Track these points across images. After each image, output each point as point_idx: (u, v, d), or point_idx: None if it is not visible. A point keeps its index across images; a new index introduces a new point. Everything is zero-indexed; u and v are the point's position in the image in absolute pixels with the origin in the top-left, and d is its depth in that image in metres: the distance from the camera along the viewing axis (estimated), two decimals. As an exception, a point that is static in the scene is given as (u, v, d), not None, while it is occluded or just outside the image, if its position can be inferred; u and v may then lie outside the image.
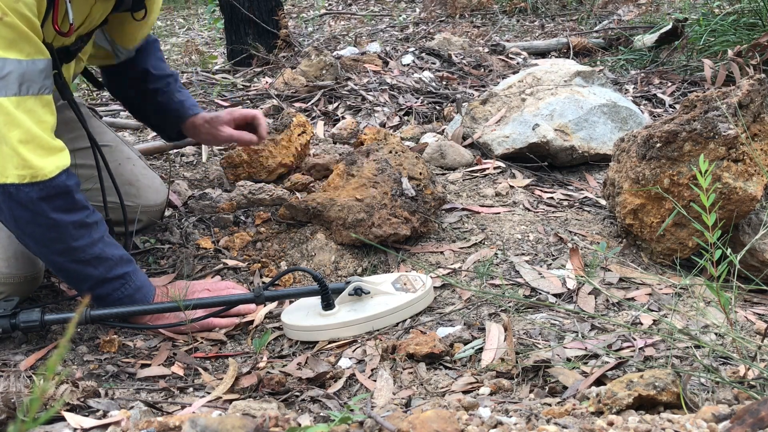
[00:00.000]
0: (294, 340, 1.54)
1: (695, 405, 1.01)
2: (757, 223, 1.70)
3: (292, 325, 1.53)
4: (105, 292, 1.51)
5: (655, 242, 1.71)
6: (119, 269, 1.51)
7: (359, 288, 1.53)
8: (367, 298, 1.54)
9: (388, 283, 1.58)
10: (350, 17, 5.42)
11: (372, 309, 1.51)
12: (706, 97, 1.66)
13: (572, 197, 2.09)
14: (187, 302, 1.52)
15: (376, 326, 1.50)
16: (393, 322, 1.52)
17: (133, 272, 1.55)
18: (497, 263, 1.70)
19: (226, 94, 3.17)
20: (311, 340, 1.52)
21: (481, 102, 2.51)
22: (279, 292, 1.59)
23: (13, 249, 1.55)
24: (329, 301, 1.53)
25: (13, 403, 1.13)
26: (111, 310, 1.51)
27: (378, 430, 0.88)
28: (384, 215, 1.76)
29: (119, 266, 1.51)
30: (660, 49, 3.57)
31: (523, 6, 4.94)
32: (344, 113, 2.90)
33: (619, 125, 2.34)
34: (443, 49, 3.61)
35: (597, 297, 1.55)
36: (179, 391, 1.39)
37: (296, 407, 1.26)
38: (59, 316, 1.49)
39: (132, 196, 1.87)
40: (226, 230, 1.99)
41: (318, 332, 1.51)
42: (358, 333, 1.50)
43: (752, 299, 1.60)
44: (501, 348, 1.38)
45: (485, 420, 0.91)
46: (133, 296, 1.53)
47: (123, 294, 1.52)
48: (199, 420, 0.82)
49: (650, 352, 1.31)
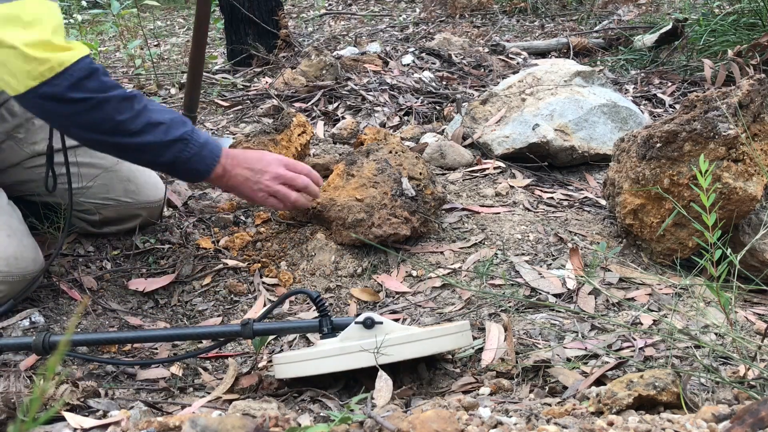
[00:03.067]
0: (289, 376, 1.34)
1: (695, 405, 1.01)
2: (757, 223, 1.69)
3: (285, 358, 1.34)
4: (171, 157, 1.48)
5: (655, 242, 1.71)
6: (175, 131, 1.48)
7: (369, 318, 1.29)
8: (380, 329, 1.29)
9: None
10: (350, 17, 5.42)
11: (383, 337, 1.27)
12: (706, 97, 1.66)
13: (572, 197, 2.09)
14: (156, 335, 1.43)
15: (387, 357, 1.24)
16: (408, 356, 1.27)
17: (192, 132, 1.51)
18: (497, 263, 1.70)
19: (226, 94, 3.17)
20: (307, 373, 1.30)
21: (481, 102, 2.51)
22: (272, 326, 1.40)
23: (13, 248, 1.55)
24: (329, 327, 1.34)
25: (13, 403, 1.13)
26: (79, 337, 1.40)
27: (378, 430, 0.88)
28: (384, 215, 1.76)
29: (174, 128, 1.48)
30: (660, 49, 3.57)
31: (523, 6, 4.93)
32: (344, 113, 2.90)
33: (619, 125, 2.34)
34: (443, 49, 3.61)
35: (597, 297, 1.55)
36: (179, 391, 1.39)
37: (296, 407, 1.26)
38: (12, 342, 1.39)
39: (131, 193, 1.87)
40: (226, 230, 1.99)
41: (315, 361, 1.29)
42: (365, 364, 1.26)
43: (752, 299, 1.60)
44: (501, 348, 1.38)
45: (485, 420, 0.91)
46: (201, 153, 1.50)
47: (190, 154, 1.49)
48: (199, 420, 0.82)
49: (650, 352, 1.31)
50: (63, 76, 1.37)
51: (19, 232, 1.60)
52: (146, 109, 1.47)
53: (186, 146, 1.49)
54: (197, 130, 1.53)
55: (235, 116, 2.91)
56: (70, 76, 1.38)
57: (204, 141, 1.52)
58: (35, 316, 1.58)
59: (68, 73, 1.37)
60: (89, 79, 1.40)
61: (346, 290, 1.71)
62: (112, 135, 1.45)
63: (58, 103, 1.39)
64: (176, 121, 1.50)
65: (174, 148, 1.48)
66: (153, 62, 3.55)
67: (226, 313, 1.73)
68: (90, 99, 1.40)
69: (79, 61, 1.39)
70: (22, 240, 1.59)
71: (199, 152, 1.50)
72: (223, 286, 1.79)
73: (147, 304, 1.76)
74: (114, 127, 1.44)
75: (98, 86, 1.41)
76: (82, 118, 1.42)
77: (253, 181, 1.58)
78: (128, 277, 1.81)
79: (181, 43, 5.02)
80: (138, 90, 1.55)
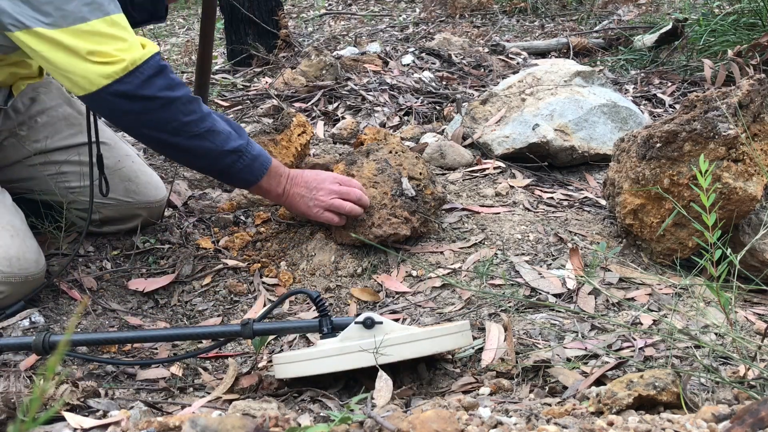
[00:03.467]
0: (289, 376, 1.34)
1: (695, 405, 1.01)
2: (757, 223, 1.69)
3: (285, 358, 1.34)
4: (225, 165, 1.59)
5: (655, 242, 1.71)
6: (233, 142, 1.57)
7: (369, 318, 1.28)
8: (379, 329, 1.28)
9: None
10: (350, 17, 5.42)
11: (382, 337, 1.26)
12: (706, 97, 1.66)
13: (572, 197, 2.09)
14: (159, 335, 1.43)
15: (387, 357, 1.24)
16: (408, 356, 1.27)
17: (247, 144, 1.60)
18: (497, 263, 1.70)
19: (226, 94, 3.17)
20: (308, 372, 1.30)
21: (481, 102, 2.51)
22: (272, 326, 1.40)
23: (14, 249, 1.55)
24: (329, 326, 1.34)
25: (13, 403, 1.13)
26: (79, 336, 1.40)
27: (378, 430, 0.88)
28: (384, 215, 1.76)
29: (232, 140, 1.57)
30: (660, 49, 3.57)
31: (523, 6, 4.93)
32: (344, 113, 2.90)
33: (619, 125, 2.34)
34: (443, 49, 3.61)
35: (597, 297, 1.55)
36: (179, 391, 1.39)
37: (296, 407, 1.26)
38: (12, 342, 1.38)
39: (132, 193, 1.87)
40: (226, 230, 1.99)
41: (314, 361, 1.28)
42: (365, 364, 1.25)
43: (752, 299, 1.60)
44: (501, 348, 1.38)
45: (485, 420, 0.91)
46: (252, 165, 1.60)
47: (242, 165, 1.59)
48: (199, 420, 0.82)
49: (650, 352, 1.31)
50: (135, 74, 1.43)
51: (22, 233, 1.60)
52: (209, 115, 1.55)
53: (240, 158, 1.58)
54: (252, 143, 1.62)
55: (235, 116, 2.91)
56: (141, 74, 1.44)
57: (256, 154, 1.62)
58: (35, 316, 1.58)
59: (139, 71, 1.44)
60: (159, 76, 1.46)
61: (346, 290, 1.71)
62: (175, 135, 1.52)
63: (129, 101, 1.45)
64: (234, 132, 1.58)
65: (228, 159, 1.57)
66: (153, 62, 3.54)
67: (226, 313, 1.73)
68: (159, 97, 1.46)
69: (150, 59, 1.46)
70: (25, 241, 1.59)
71: (250, 164, 1.60)
72: (223, 286, 1.79)
73: (147, 304, 1.76)
74: (178, 127, 1.50)
75: (167, 84, 1.48)
76: (149, 117, 1.49)
77: (308, 198, 1.70)
78: (128, 277, 1.81)
79: (181, 43, 5.02)
80: None
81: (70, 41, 1.41)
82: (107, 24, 1.44)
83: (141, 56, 1.45)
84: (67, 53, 1.42)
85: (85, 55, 1.41)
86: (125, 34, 1.46)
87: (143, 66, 1.45)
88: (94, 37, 1.42)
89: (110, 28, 1.44)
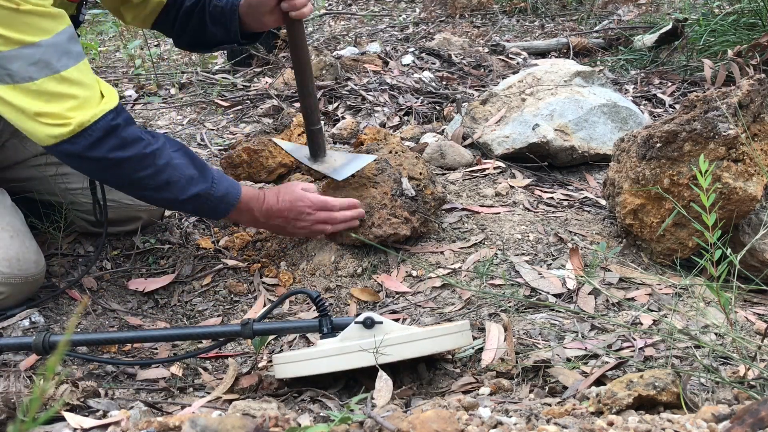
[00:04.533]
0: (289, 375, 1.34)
1: (695, 405, 1.01)
2: (757, 223, 1.69)
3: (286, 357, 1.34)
4: (189, 209, 1.67)
5: (655, 242, 1.71)
6: (194, 188, 1.55)
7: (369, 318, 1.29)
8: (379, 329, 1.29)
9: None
10: (350, 17, 5.42)
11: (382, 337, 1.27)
12: (706, 97, 1.66)
13: (572, 197, 2.09)
14: (160, 334, 1.44)
15: (387, 357, 1.24)
16: (408, 356, 1.27)
17: (211, 187, 1.57)
18: (497, 263, 1.70)
19: (226, 94, 3.17)
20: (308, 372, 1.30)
21: (481, 102, 2.51)
22: (272, 326, 1.40)
23: (14, 250, 1.55)
24: (329, 326, 1.34)
25: (13, 403, 1.13)
26: (79, 337, 1.41)
27: (378, 430, 0.88)
28: (384, 215, 1.76)
29: (193, 185, 1.55)
30: (660, 49, 3.57)
31: (523, 6, 4.93)
32: (344, 113, 2.90)
33: (619, 125, 2.34)
34: (443, 49, 3.61)
35: (597, 297, 1.55)
36: (179, 391, 1.39)
37: (296, 407, 1.26)
38: (12, 342, 1.39)
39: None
40: (226, 230, 1.99)
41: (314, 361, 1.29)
42: (365, 364, 1.25)
43: (752, 299, 1.60)
44: (501, 348, 1.38)
45: (485, 420, 0.91)
46: (217, 207, 1.60)
47: (207, 207, 1.59)
48: (199, 420, 0.82)
49: (650, 352, 1.31)
50: (83, 136, 1.41)
51: (21, 234, 1.60)
52: (168, 166, 1.51)
53: (204, 201, 1.57)
54: (218, 182, 1.59)
55: (235, 116, 2.91)
56: (89, 135, 1.42)
57: (222, 194, 1.59)
58: (35, 316, 1.58)
59: (87, 132, 1.41)
60: (109, 136, 1.44)
61: (346, 290, 1.71)
62: (130, 189, 1.55)
63: (79, 160, 1.45)
64: (196, 177, 1.55)
65: (190, 205, 1.58)
66: (153, 62, 3.55)
67: (226, 313, 1.73)
68: (108, 159, 1.45)
69: (100, 119, 1.42)
70: (25, 242, 1.60)
71: (215, 206, 1.60)
72: (223, 286, 1.79)
73: (147, 304, 1.76)
74: (134, 181, 1.51)
75: (118, 144, 1.45)
76: (102, 174, 1.52)
77: (290, 226, 1.71)
78: (128, 277, 1.81)
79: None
80: (166, 136, 1.58)
81: (17, 100, 1.37)
82: (56, 82, 1.38)
83: (91, 117, 1.40)
84: (15, 111, 1.38)
85: (33, 116, 1.38)
86: (77, 90, 1.40)
87: (92, 128, 1.41)
88: (42, 96, 1.37)
89: (59, 85, 1.38)
